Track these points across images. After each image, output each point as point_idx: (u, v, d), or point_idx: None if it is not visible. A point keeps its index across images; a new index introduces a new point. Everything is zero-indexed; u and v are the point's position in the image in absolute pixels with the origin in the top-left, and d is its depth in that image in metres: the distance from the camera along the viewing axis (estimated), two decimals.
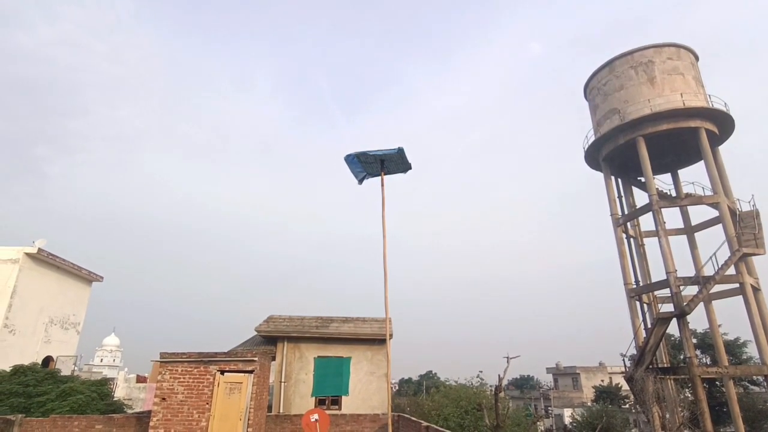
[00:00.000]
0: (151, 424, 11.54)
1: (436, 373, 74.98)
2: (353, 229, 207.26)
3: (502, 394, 13.46)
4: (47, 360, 22.32)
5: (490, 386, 18.03)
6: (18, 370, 16.34)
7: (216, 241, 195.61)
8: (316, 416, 11.46)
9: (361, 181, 9.09)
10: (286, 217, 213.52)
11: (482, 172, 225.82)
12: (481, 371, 18.43)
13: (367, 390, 16.40)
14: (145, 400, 26.27)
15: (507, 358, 12.71)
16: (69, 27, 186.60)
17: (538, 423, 24.01)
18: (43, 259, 22.07)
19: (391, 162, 8.77)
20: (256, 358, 12.28)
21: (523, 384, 76.23)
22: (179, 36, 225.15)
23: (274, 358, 16.12)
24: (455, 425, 14.39)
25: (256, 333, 16.58)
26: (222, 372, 12.00)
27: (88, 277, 25.95)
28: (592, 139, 32.12)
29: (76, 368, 23.74)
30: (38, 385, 15.76)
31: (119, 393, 24.06)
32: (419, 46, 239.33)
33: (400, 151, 8.49)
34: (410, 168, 9.02)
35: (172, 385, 11.82)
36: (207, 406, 11.65)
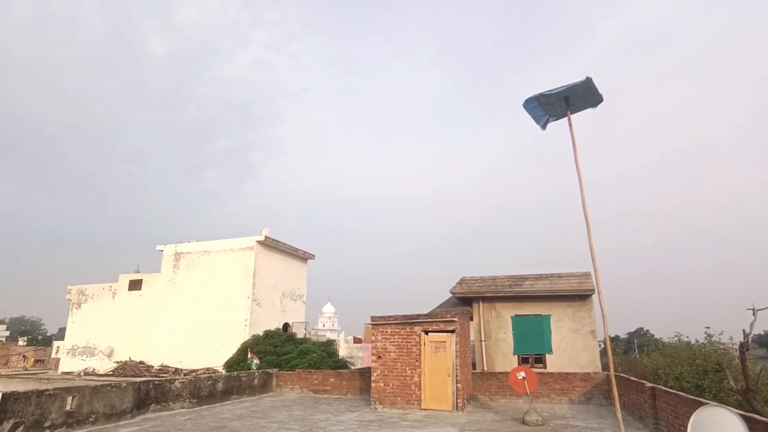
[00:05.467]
0: (373, 378, 13.02)
1: (648, 330, 67.09)
2: (534, 188, 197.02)
3: (748, 353, 11.19)
4: (285, 326, 27.11)
5: (722, 345, 15.22)
6: (268, 334, 20.29)
7: (405, 214, 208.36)
8: (523, 374, 11.31)
9: (544, 126, 8.17)
10: (464, 182, 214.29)
11: (684, 97, 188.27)
12: (707, 327, 15.58)
13: (572, 348, 15.56)
14: (362, 358, 29.86)
15: (753, 309, 10.48)
16: (257, 48, 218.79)
17: None
18: (269, 244, 26.65)
19: (577, 97, 7.55)
20: (455, 319, 12.69)
21: None
22: (342, 29, 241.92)
23: (471, 318, 16.47)
24: (691, 386, 12.50)
25: (450, 295, 17.15)
26: (426, 332, 12.75)
27: (303, 256, 30.46)
28: None
29: (306, 332, 28.26)
30: (283, 346, 19.31)
31: (341, 352, 27.84)
32: None
33: (588, 82, 7.20)
34: (602, 100, 7.60)
35: (385, 345, 13.07)
36: (417, 363, 12.57)
